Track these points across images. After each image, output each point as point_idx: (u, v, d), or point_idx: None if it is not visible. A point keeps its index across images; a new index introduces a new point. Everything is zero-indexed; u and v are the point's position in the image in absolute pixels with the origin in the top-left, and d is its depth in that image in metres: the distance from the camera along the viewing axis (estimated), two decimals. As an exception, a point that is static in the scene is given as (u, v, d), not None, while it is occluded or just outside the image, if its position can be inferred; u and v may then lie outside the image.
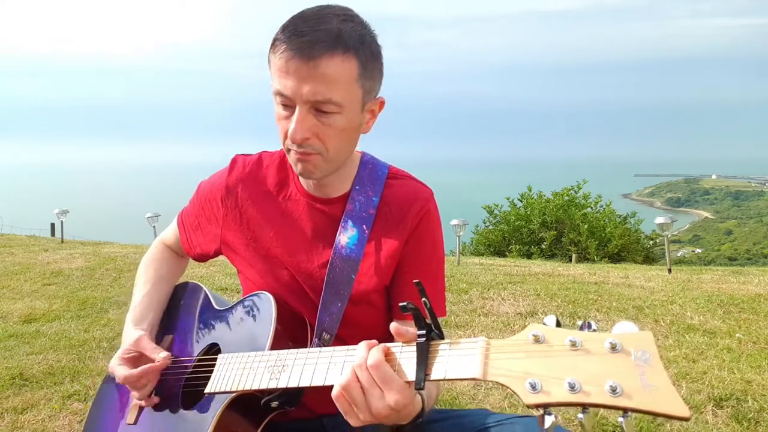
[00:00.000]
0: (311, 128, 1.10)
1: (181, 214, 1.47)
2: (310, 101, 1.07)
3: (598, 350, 0.75)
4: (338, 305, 1.25)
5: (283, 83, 1.07)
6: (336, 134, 1.13)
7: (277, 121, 1.15)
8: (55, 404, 2.79)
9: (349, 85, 1.10)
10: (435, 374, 0.87)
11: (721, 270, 7.20)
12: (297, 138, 1.09)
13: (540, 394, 0.74)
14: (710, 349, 3.47)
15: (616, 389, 0.70)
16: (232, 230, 1.34)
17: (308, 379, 0.99)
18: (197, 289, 1.45)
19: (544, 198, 17.19)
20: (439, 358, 0.87)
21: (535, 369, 0.76)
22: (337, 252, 1.25)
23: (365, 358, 0.91)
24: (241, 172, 1.34)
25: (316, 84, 1.06)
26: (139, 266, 1.50)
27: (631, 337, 0.74)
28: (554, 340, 0.78)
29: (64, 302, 4.93)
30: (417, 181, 1.34)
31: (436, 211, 1.32)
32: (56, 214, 10.29)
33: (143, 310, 1.37)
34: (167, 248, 1.52)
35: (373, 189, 1.29)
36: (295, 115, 1.09)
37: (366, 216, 1.27)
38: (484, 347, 0.83)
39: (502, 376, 0.79)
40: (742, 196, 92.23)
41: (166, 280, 1.46)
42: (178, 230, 1.46)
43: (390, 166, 1.35)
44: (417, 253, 1.28)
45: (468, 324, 4.12)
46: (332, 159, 1.16)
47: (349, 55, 1.08)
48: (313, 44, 1.04)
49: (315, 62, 1.05)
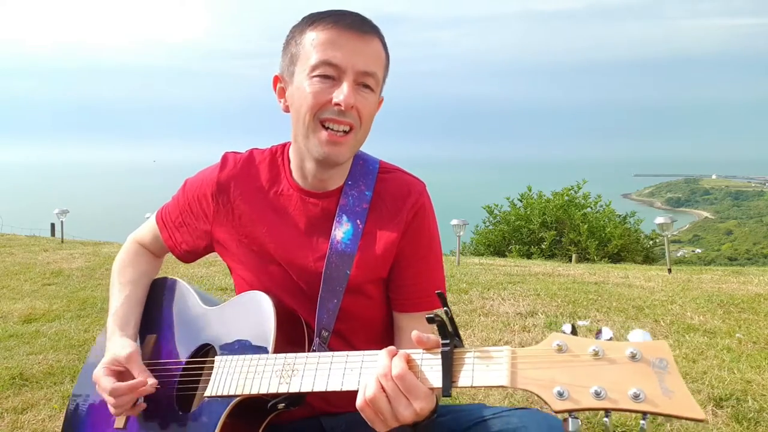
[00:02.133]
0: (356, 99, 1.15)
1: (161, 212, 1.44)
2: (360, 71, 1.15)
3: (619, 359, 0.80)
4: (334, 301, 1.25)
5: (333, 53, 1.13)
6: (370, 111, 1.20)
7: (307, 96, 1.15)
8: (55, 404, 2.79)
9: (383, 69, 1.21)
10: (462, 382, 0.89)
11: (721, 270, 7.20)
12: (350, 102, 1.13)
13: (568, 401, 0.79)
14: (710, 349, 3.47)
15: (639, 395, 0.76)
16: (223, 226, 1.33)
17: (323, 383, 0.99)
18: (178, 286, 1.42)
19: (544, 198, 17.18)
20: (465, 366, 0.90)
21: (561, 377, 0.81)
22: (333, 247, 1.26)
23: (389, 368, 0.93)
24: (232, 168, 1.34)
25: (368, 56, 1.16)
26: (113, 265, 1.47)
27: (648, 346, 0.79)
28: (577, 349, 0.82)
29: (64, 302, 4.92)
30: (409, 175, 1.35)
31: (430, 204, 1.33)
32: (56, 214, 10.29)
33: (126, 314, 1.34)
34: (142, 247, 1.49)
35: (366, 183, 1.30)
36: (344, 83, 1.14)
37: (360, 210, 1.27)
38: (510, 356, 0.86)
39: (530, 384, 0.83)
40: (742, 196, 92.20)
41: (142, 280, 1.44)
42: (157, 228, 1.44)
43: (380, 160, 1.36)
44: (415, 246, 1.29)
45: (468, 324, 4.12)
46: (360, 138, 1.23)
47: (383, 44, 1.21)
48: (363, 23, 1.16)
49: (369, 37, 1.16)
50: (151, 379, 1.21)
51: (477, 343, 3.75)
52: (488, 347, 0.90)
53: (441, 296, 0.92)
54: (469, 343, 3.73)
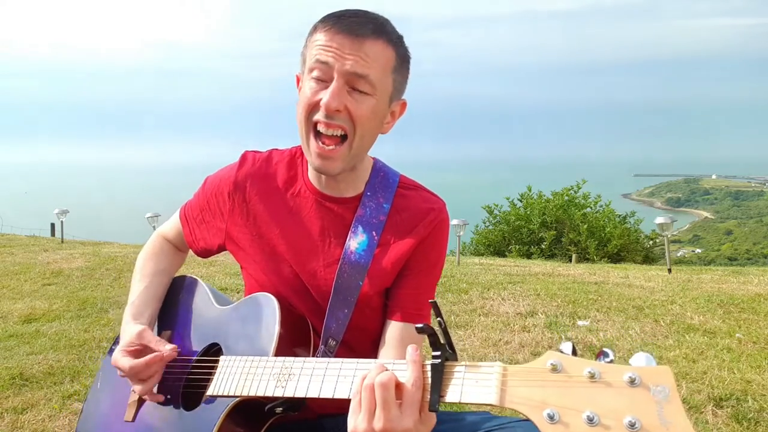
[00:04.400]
0: (344, 101, 1.13)
1: (184, 207, 1.46)
2: (348, 73, 1.12)
3: (616, 383, 0.74)
4: (345, 311, 1.25)
5: (325, 54, 1.12)
6: (365, 116, 1.15)
7: (303, 98, 1.16)
8: (55, 404, 2.79)
9: (385, 73, 1.16)
10: (450, 396, 0.86)
11: (721, 270, 7.20)
12: (332, 106, 1.11)
13: (558, 425, 0.75)
14: (710, 349, 3.47)
15: (635, 425, 0.71)
16: (237, 225, 1.33)
17: (316, 390, 0.99)
18: (196, 284, 1.44)
19: (543, 198, 17.17)
20: (454, 380, 0.87)
21: (553, 399, 0.77)
22: (346, 257, 1.26)
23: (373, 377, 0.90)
24: (250, 167, 1.34)
25: (359, 59, 1.12)
26: (137, 258, 1.48)
27: (649, 372, 0.74)
28: (572, 370, 0.78)
29: (64, 302, 4.92)
30: (431, 193, 1.35)
31: (448, 222, 1.33)
32: (56, 214, 10.29)
33: (142, 304, 1.35)
34: (167, 241, 1.51)
35: (385, 196, 1.29)
36: (331, 85, 1.12)
37: (376, 222, 1.27)
38: (501, 373, 0.82)
39: (519, 404, 0.79)
40: (742, 196, 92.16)
41: (165, 274, 1.45)
42: (180, 224, 1.45)
43: (401, 175, 1.36)
44: (423, 258, 1.29)
45: (468, 324, 4.12)
46: (356, 147, 1.18)
47: (390, 46, 1.15)
48: (362, 25, 1.12)
49: (361, 40, 1.12)
50: (168, 346, 1.22)
51: (477, 343, 3.75)
52: (480, 362, 0.86)
53: (435, 305, 0.89)
54: (469, 344, 3.73)
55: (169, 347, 1.22)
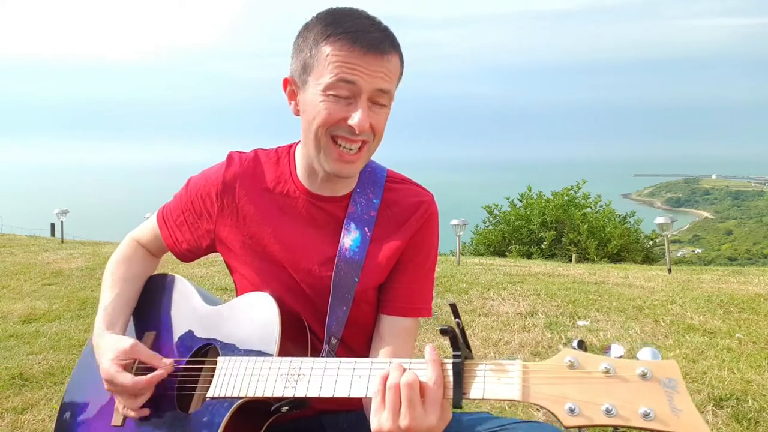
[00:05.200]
0: (370, 118, 1.15)
1: (161, 210, 1.42)
2: (377, 90, 1.14)
3: (630, 377, 0.82)
4: (343, 309, 1.25)
5: (351, 76, 1.11)
6: (383, 126, 1.20)
7: (321, 112, 1.14)
8: (55, 404, 2.79)
9: (396, 83, 1.20)
10: (473, 394, 0.90)
11: (721, 270, 7.20)
12: (365, 126, 1.14)
13: (579, 417, 0.81)
14: (710, 349, 3.47)
15: (649, 414, 0.78)
16: (227, 226, 1.32)
17: (330, 390, 1.00)
18: (179, 283, 1.40)
19: (543, 198, 17.17)
20: (476, 378, 0.91)
21: (573, 394, 0.83)
22: (341, 255, 1.26)
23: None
24: (238, 168, 1.33)
25: (384, 76, 1.14)
26: (108, 263, 1.45)
27: (659, 365, 0.82)
28: (589, 366, 0.84)
29: (64, 302, 4.93)
30: (419, 186, 1.36)
31: (437, 214, 1.34)
32: (56, 214, 10.30)
33: (115, 312, 1.33)
34: (140, 246, 1.47)
35: (374, 191, 1.30)
36: (360, 104, 1.13)
37: (368, 218, 1.28)
38: (522, 370, 0.88)
39: (541, 399, 0.84)
40: (742, 196, 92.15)
41: (137, 280, 1.42)
42: (158, 227, 1.41)
43: (388, 170, 1.36)
44: (415, 252, 1.30)
45: (468, 324, 4.12)
46: (371, 153, 1.23)
47: (400, 57, 1.19)
48: (381, 41, 1.13)
49: (387, 57, 1.14)
50: (166, 360, 1.21)
51: (477, 343, 3.75)
52: (500, 360, 0.91)
53: (453, 307, 0.94)
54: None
55: (168, 362, 1.21)
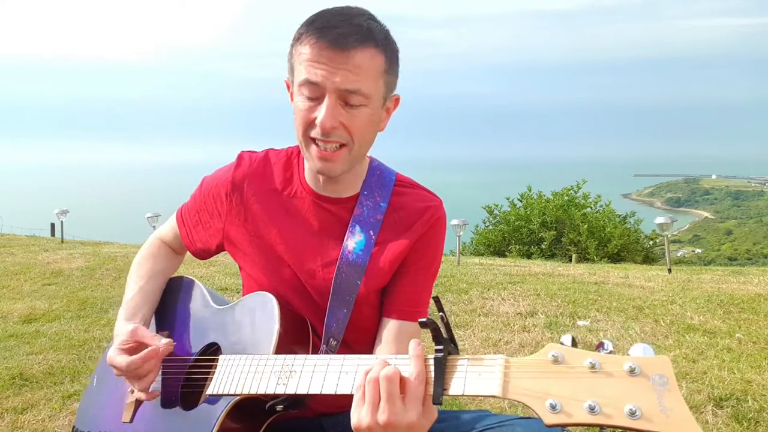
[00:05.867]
0: (339, 118, 1.12)
1: (180, 210, 1.46)
2: (340, 90, 1.10)
3: (617, 373, 0.76)
4: (344, 311, 1.25)
5: (314, 72, 1.09)
6: (362, 126, 1.15)
7: (298, 113, 1.15)
8: (55, 404, 2.79)
9: (376, 79, 1.14)
10: (453, 390, 0.87)
11: (721, 270, 7.20)
12: (327, 126, 1.11)
13: (560, 415, 0.76)
14: (710, 349, 3.47)
15: (635, 412, 0.72)
16: (235, 226, 1.33)
17: (318, 386, 0.99)
18: (192, 285, 1.44)
19: (543, 198, 17.18)
20: (457, 373, 0.88)
21: (555, 389, 0.78)
22: (344, 257, 1.26)
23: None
24: (247, 168, 1.34)
25: (348, 74, 1.09)
26: (133, 261, 1.48)
27: (649, 361, 0.76)
28: (573, 361, 0.79)
29: (64, 302, 4.93)
30: (428, 191, 1.35)
31: (445, 219, 1.33)
32: (56, 214, 10.28)
33: (136, 305, 1.35)
34: (164, 244, 1.50)
35: (381, 195, 1.30)
36: (324, 103, 1.11)
37: (374, 221, 1.27)
38: (504, 365, 0.84)
39: (522, 395, 0.80)
40: (742, 196, 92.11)
41: (160, 276, 1.44)
42: (177, 226, 1.45)
43: (397, 173, 1.36)
44: (420, 256, 1.30)
45: (468, 324, 4.12)
46: (356, 152, 1.19)
47: (378, 51, 1.12)
48: (347, 36, 1.09)
49: (349, 53, 1.09)
50: (164, 340, 1.21)
51: (477, 343, 3.75)
52: (482, 355, 0.87)
53: (437, 300, 0.91)
54: (469, 344, 3.73)
55: (165, 341, 1.21)
